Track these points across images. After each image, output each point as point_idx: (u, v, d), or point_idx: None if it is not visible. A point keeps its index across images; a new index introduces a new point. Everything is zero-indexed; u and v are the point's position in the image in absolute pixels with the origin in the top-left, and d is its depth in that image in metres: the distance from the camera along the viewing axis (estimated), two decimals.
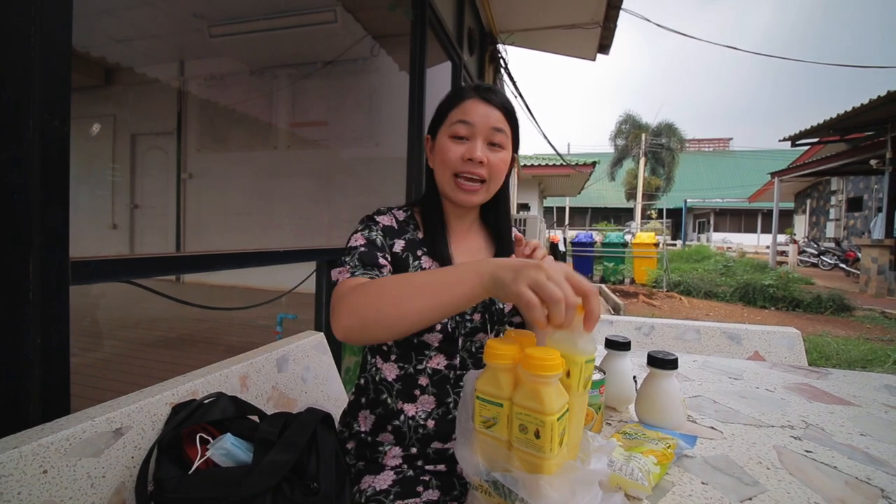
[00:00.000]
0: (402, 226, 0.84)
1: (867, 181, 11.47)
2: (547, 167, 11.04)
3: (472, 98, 0.79)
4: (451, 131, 0.79)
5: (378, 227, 0.81)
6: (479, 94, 0.79)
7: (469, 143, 0.78)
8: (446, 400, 0.80)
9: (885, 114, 7.01)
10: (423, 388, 0.80)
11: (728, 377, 1.00)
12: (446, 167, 0.79)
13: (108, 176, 5.26)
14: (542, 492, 0.44)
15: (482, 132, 0.78)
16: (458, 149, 0.78)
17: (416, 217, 0.87)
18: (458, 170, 0.78)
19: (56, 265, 0.72)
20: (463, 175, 0.78)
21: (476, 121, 0.77)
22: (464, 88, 0.81)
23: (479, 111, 0.78)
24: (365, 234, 0.79)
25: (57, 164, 0.72)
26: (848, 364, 3.46)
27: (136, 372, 2.50)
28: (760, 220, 27.82)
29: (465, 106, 0.79)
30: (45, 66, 0.70)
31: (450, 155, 0.78)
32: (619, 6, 3.65)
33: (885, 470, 0.60)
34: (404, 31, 2.62)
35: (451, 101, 0.81)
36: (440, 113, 0.82)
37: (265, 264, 1.46)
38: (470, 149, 0.77)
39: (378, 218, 0.83)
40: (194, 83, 4.94)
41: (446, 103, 0.82)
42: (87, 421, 0.63)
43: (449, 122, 0.79)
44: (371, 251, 0.76)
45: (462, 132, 0.78)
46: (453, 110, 0.79)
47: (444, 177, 0.80)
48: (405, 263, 0.80)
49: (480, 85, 0.82)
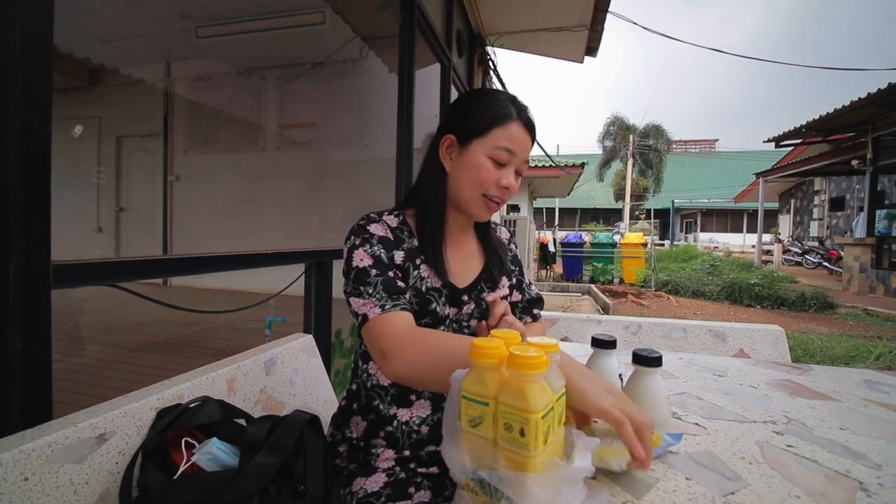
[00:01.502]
0: (397, 234, 0.81)
1: (849, 181, 11.71)
2: (536, 168, 11.10)
3: (516, 121, 0.77)
4: (493, 154, 0.77)
5: (374, 238, 0.77)
6: (523, 119, 0.78)
7: (505, 171, 0.78)
8: (442, 405, 0.80)
9: (865, 115, 7.18)
10: (420, 392, 0.80)
11: (713, 374, 1.01)
12: (479, 186, 0.78)
13: (93, 179, 5.18)
14: (528, 490, 0.44)
15: (518, 162, 0.79)
16: (496, 173, 0.77)
17: (408, 222, 0.84)
18: (489, 193, 0.78)
19: (37, 268, 0.71)
20: (491, 197, 0.79)
21: (518, 151, 0.77)
22: (504, 102, 0.78)
23: (522, 140, 0.78)
24: (368, 251, 0.75)
25: (38, 166, 0.71)
26: (831, 360, 3.53)
27: (121, 377, 2.46)
28: (746, 220, 28.27)
29: (511, 130, 0.77)
30: (24, 65, 0.69)
31: (486, 177, 0.77)
32: (605, 9, 3.69)
33: (863, 463, 0.62)
34: (393, 33, 2.62)
35: (496, 116, 0.77)
36: (481, 121, 0.77)
37: (254, 266, 1.45)
38: (506, 176, 0.78)
39: (371, 229, 0.79)
40: (181, 84, 4.88)
41: (490, 115, 0.77)
42: (69, 427, 0.62)
43: (491, 142, 0.76)
44: (385, 275, 0.73)
45: (503, 159, 0.77)
46: (497, 128, 0.76)
47: (471, 193, 0.79)
48: (407, 273, 0.78)
49: (517, 101, 0.80)
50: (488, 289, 0.85)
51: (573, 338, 1.67)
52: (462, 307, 0.82)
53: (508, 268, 0.92)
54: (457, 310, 0.82)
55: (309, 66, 4.29)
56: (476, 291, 0.84)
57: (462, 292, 0.82)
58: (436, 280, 0.80)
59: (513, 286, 0.91)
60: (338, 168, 4.40)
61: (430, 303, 0.78)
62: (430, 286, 0.79)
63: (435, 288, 0.79)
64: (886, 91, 6.08)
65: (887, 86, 6.00)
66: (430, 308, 0.78)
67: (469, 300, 0.83)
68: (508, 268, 0.92)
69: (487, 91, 0.82)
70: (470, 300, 0.83)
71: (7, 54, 0.67)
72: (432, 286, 0.79)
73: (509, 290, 0.90)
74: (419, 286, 0.78)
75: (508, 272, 0.92)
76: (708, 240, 24.89)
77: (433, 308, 0.78)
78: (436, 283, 0.80)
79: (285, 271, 1.79)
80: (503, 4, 3.82)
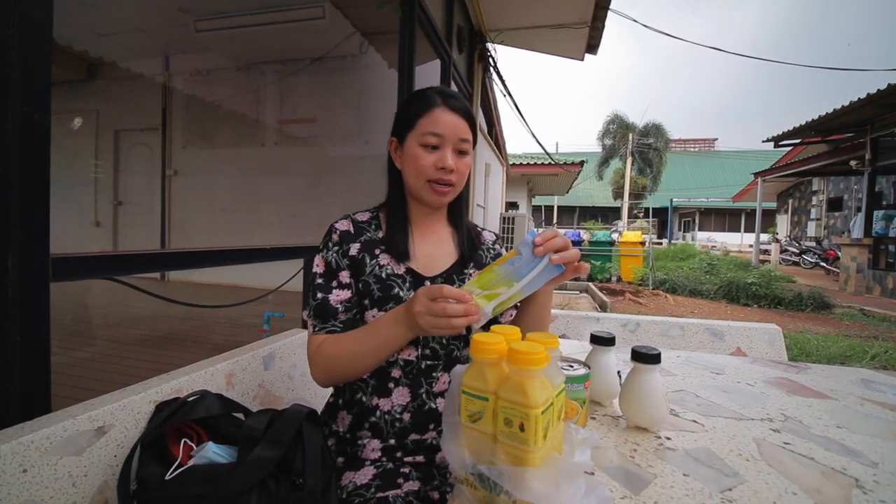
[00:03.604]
0: (360, 228, 0.88)
1: (847, 181, 11.73)
2: (535, 166, 11.09)
3: (439, 107, 0.83)
4: (421, 141, 0.82)
5: (332, 240, 0.86)
6: (446, 103, 0.83)
7: (440, 153, 0.82)
8: (419, 391, 0.82)
9: (864, 116, 7.18)
10: (397, 380, 0.82)
11: (710, 372, 1.02)
12: (420, 174, 0.83)
13: (91, 173, 5.16)
14: (527, 484, 0.44)
15: (451, 142, 0.83)
16: (430, 157, 0.82)
17: (380, 217, 0.91)
18: (431, 177, 0.83)
19: (36, 262, 0.71)
20: (436, 181, 0.83)
21: (445, 132, 0.82)
22: (428, 95, 0.84)
23: (448, 121, 0.82)
24: (323, 257, 0.86)
25: (37, 159, 0.71)
26: (827, 360, 3.54)
27: (119, 371, 2.45)
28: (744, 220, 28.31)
29: (434, 116, 0.82)
30: (24, 58, 0.68)
31: (423, 163, 0.82)
32: (606, 6, 3.68)
33: (859, 460, 0.62)
34: (393, 29, 2.61)
35: (419, 108, 0.84)
36: (407, 119, 0.85)
37: (252, 261, 1.45)
38: (441, 158, 0.82)
39: (337, 226, 0.88)
40: (180, 79, 4.86)
41: (413, 110, 0.84)
42: (68, 419, 0.62)
43: (419, 132, 0.83)
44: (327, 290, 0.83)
45: (433, 142, 0.82)
46: (421, 119, 0.83)
47: (417, 182, 0.84)
48: (362, 263, 0.84)
49: (443, 91, 0.85)
50: (459, 280, 0.88)
51: (571, 335, 1.67)
52: None
53: (486, 262, 0.94)
54: None
55: (308, 61, 4.27)
56: (444, 280, 0.87)
57: (426, 279, 0.85)
58: (398, 267, 0.85)
59: None
60: (337, 164, 4.39)
61: (392, 288, 0.82)
62: (391, 272, 0.84)
63: (397, 274, 0.84)
64: (886, 92, 6.08)
65: (887, 86, 6.00)
66: (392, 293, 0.82)
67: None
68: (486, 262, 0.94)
69: (417, 91, 0.88)
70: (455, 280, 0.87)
71: (6, 47, 0.67)
72: (394, 272, 0.84)
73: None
74: (378, 273, 0.84)
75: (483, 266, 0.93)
76: (706, 239, 24.93)
77: (396, 293, 0.82)
78: (398, 269, 0.85)
79: (284, 267, 1.79)
80: (504, 1, 3.81)
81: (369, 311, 0.83)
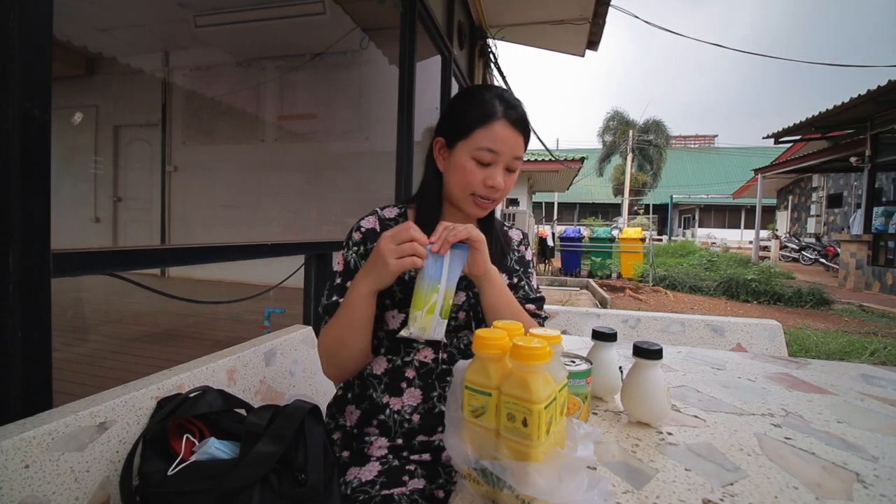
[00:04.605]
0: (387, 226, 0.85)
1: (847, 178, 11.73)
2: (536, 162, 11.09)
3: (500, 120, 0.77)
4: (475, 155, 0.78)
5: (354, 240, 0.84)
6: (509, 117, 0.78)
7: (491, 170, 0.79)
8: (432, 394, 0.81)
9: (864, 112, 7.17)
10: (410, 380, 0.81)
11: (711, 367, 1.02)
12: (466, 187, 0.80)
13: (91, 168, 5.15)
14: (530, 479, 0.44)
15: (505, 160, 0.79)
16: (481, 174, 0.79)
17: (408, 214, 0.88)
18: (477, 192, 0.80)
19: (37, 257, 0.71)
20: (481, 196, 0.80)
21: (502, 150, 0.78)
22: (489, 102, 0.78)
23: (507, 139, 0.77)
24: (344, 255, 0.84)
25: (37, 154, 0.71)
26: (827, 356, 3.55)
27: (121, 368, 2.46)
28: (744, 216, 28.31)
29: (494, 130, 0.77)
30: (24, 53, 0.68)
31: (472, 178, 0.79)
32: (607, 3, 3.67)
33: (860, 455, 0.62)
34: (394, 24, 2.60)
35: (478, 117, 0.78)
36: (464, 123, 0.79)
37: (253, 257, 1.45)
38: (492, 175, 0.78)
39: (361, 223, 0.85)
40: (179, 74, 4.84)
41: (471, 117, 0.78)
42: (70, 415, 0.62)
43: (474, 144, 0.77)
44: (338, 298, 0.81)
45: (487, 160, 0.78)
46: (480, 130, 0.77)
47: (461, 193, 0.81)
48: None
49: (506, 99, 0.79)
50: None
51: (572, 331, 1.67)
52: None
53: (510, 266, 0.92)
54: None
55: (309, 56, 4.25)
56: (467, 283, 0.85)
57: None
58: None
59: (512, 285, 0.91)
60: (337, 160, 4.38)
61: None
62: (414, 275, 0.80)
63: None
64: (886, 88, 6.06)
65: (887, 83, 5.99)
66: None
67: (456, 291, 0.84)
68: (510, 266, 0.92)
69: (475, 90, 0.82)
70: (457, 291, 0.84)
71: (6, 42, 0.66)
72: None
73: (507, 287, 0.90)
74: (402, 274, 0.80)
75: (509, 270, 0.92)
76: (706, 235, 24.93)
77: None
78: None
79: (284, 263, 1.79)
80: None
81: (389, 312, 0.82)
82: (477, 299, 0.84)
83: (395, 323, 0.83)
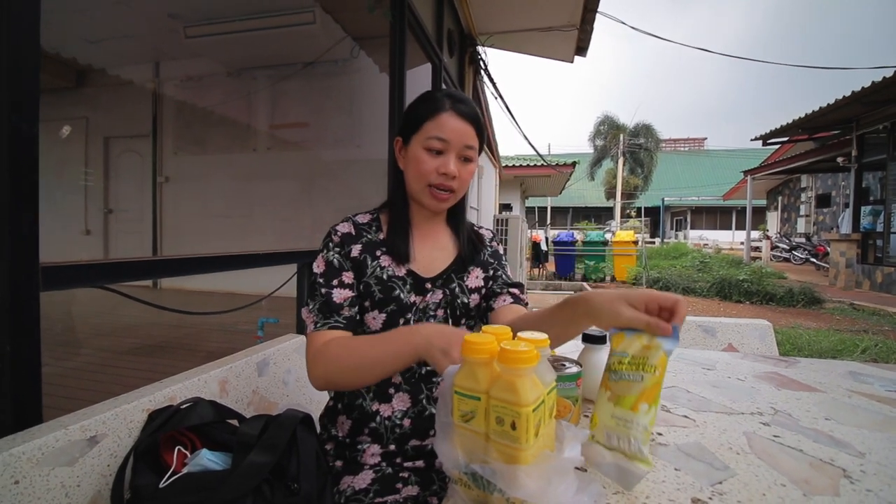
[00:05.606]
0: (362, 230, 0.87)
1: (835, 178, 11.88)
2: (528, 168, 11.14)
3: (447, 112, 0.81)
4: (426, 144, 0.81)
5: (333, 241, 0.85)
6: (454, 108, 0.82)
7: (443, 158, 0.81)
8: (420, 397, 0.82)
9: (850, 113, 7.29)
10: (397, 385, 0.82)
11: (701, 368, 1.03)
12: (421, 178, 0.82)
13: (81, 180, 5.11)
14: (520, 482, 0.45)
15: (455, 148, 0.82)
16: (433, 162, 0.81)
17: (380, 219, 0.90)
18: (432, 182, 0.82)
19: (25, 270, 0.71)
20: (436, 186, 0.82)
21: (451, 138, 0.81)
22: (438, 98, 0.83)
23: (454, 127, 0.81)
24: (325, 257, 0.84)
25: (25, 167, 0.71)
26: (818, 354, 3.58)
27: (112, 381, 2.43)
28: (735, 217, 28.56)
29: (441, 120, 0.80)
30: (11, 66, 0.68)
31: (425, 167, 0.81)
32: (595, 9, 3.72)
33: (847, 451, 0.63)
34: (384, 33, 2.61)
35: (426, 111, 0.82)
36: (414, 120, 0.83)
37: (245, 267, 1.44)
38: (444, 163, 0.81)
39: (338, 227, 0.87)
40: (170, 85, 4.83)
41: (420, 112, 0.83)
42: (60, 429, 0.62)
43: (424, 135, 0.81)
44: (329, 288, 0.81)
45: (437, 147, 0.81)
46: (428, 122, 0.81)
47: (417, 185, 0.84)
48: (364, 265, 0.84)
49: (454, 95, 0.84)
50: (458, 279, 0.88)
51: None
52: (426, 295, 0.85)
53: (485, 260, 0.94)
54: (421, 297, 0.85)
55: (300, 66, 4.27)
56: (444, 281, 0.87)
57: (426, 281, 0.85)
58: (399, 269, 0.84)
59: (488, 277, 0.93)
60: (330, 168, 4.38)
61: (393, 290, 0.83)
62: (392, 274, 0.84)
63: (398, 276, 0.84)
64: (871, 89, 6.18)
65: (871, 84, 6.10)
66: (393, 295, 0.82)
67: (433, 288, 0.86)
68: (485, 260, 0.94)
69: (427, 92, 0.87)
70: (434, 288, 0.86)
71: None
72: (395, 274, 0.84)
73: (484, 281, 0.92)
74: (380, 274, 0.83)
75: (484, 264, 0.93)
76: (698, 237, 25.11)
77: (397, 295, 0.82)
78: (399, 271, 0.84)
79: (277, 272, 1.78)
80: (493, 4, 3.83)
81: (369, 313, 0.83)
82: (454, 296, 0.86)
83: (375, 324, 0.83)
